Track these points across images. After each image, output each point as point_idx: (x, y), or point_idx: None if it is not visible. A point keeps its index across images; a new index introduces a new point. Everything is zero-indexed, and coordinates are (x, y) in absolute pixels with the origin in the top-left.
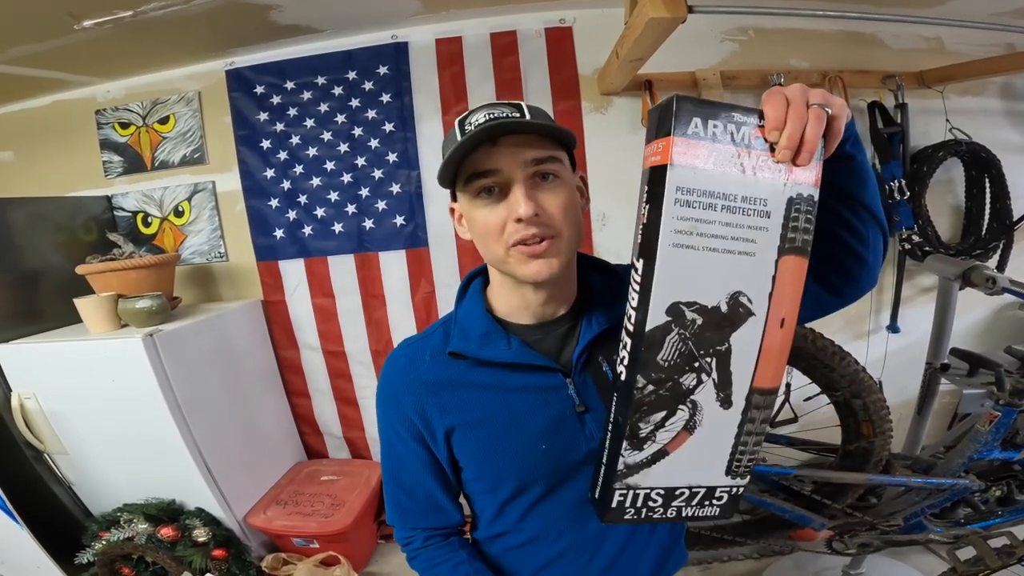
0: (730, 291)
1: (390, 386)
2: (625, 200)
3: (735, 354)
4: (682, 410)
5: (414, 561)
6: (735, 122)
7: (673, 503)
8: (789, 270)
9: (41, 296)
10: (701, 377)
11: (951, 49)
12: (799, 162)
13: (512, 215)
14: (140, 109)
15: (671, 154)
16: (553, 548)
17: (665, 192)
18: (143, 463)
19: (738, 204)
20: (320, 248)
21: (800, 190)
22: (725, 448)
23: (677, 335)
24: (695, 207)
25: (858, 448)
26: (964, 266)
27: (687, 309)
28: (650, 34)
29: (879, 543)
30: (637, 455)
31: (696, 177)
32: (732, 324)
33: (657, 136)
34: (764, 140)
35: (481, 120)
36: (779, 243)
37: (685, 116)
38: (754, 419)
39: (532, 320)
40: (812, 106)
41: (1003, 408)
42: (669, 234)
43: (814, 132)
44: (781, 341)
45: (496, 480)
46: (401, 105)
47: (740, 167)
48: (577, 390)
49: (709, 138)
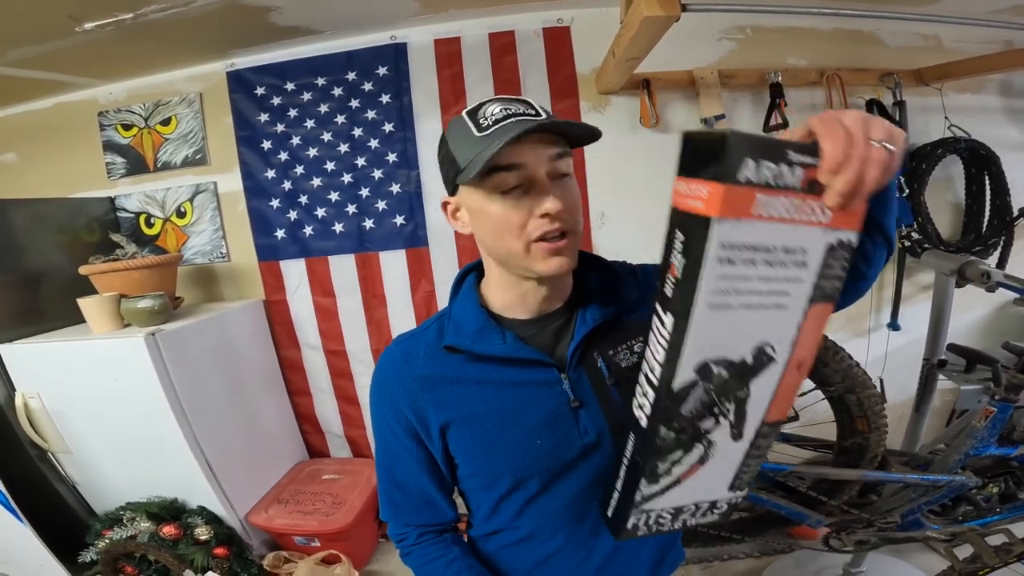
0: (756, 343)
1: (384, 382)
2: (624, 199)
3: (752, 397)
4: (698, 447)
5: (407, 557)
6: (789, 161)
7: (680, 516)
8: (815, 318)
9: (44, 296)
10: (719, 420)
11: (949, 47)
12: (850, 207)
13: (539, 210)
14: (142, 111)
15: (718, 205)
16: (548, 546)
17: (707, 251)
18: (146, 462)
19: (778, 256)
20: (321, 248)
21: (841, 236)
22: (731, 470)
23: (702, 389)
24: (736, 264)
25: (853, 444)
26: (959, 261)
27: (715, 366)
28: (645, 32)
29: (877, 540)
30: (653, 487)
31: (741, 231)
32: (754, 373)
33: (699, 175)
34: (815, 182)
35: (498, 114)
36: (811, 293)
37: (737, 157)
38: (760, 446)
39: (527, 315)
40: (874, 144)
41: (999, 403)
42: (707, 295)
43: (874, 177)
44: (796, 381)
45: (491, 476)
46: (400, 105)
47: (787, 214)
48: (572, 385)
49: (760, 183)
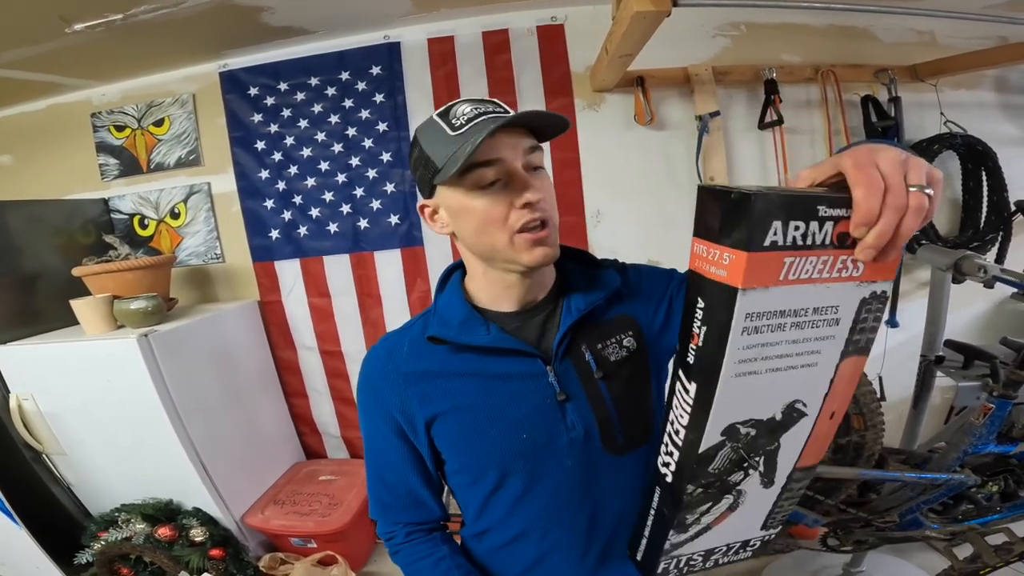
0: (787, 402)
1: (369, 380)
2: (619, 197)
3: (783, 449)
4: (728, 498)
5: (396, 556)
6: (819, 218)
7: (712, 557)
8: (848, 370)
9: (38, 298)
10: (748, 472)
11: (943, 42)
12: (883, 259)
13: (520, 201)
14: (135, 112)
15: (743, 276)
16: (540, 546)
17: (732, 321)
18: (141, 463)
19: (808, 317)
20: (316, 248)
21: (875, 288)
22: (763, 514)
23: (730, 448)
24: (763, 332)
25: (849, 442)
26: (955, 256)
27: (742, 427)
28: (637, 28)
29: (875, 540)
30: (681, 535)
31: (769, 299)
32: (784, 428)
33: (721, 240)
34: (846, 235)
35: (470, 113)
36: (843, 348)
37: (764, 222)
38: (792, 489)
39: (512, 307)
40: (912, 189)
41: (997, 400)
42: (733, 365)
43: (912, 227)
44: (828, 429)
45: (477, 470)
46: (394, 105)
47: (817, 274)
48: (558, 378)
49: (789, 245)
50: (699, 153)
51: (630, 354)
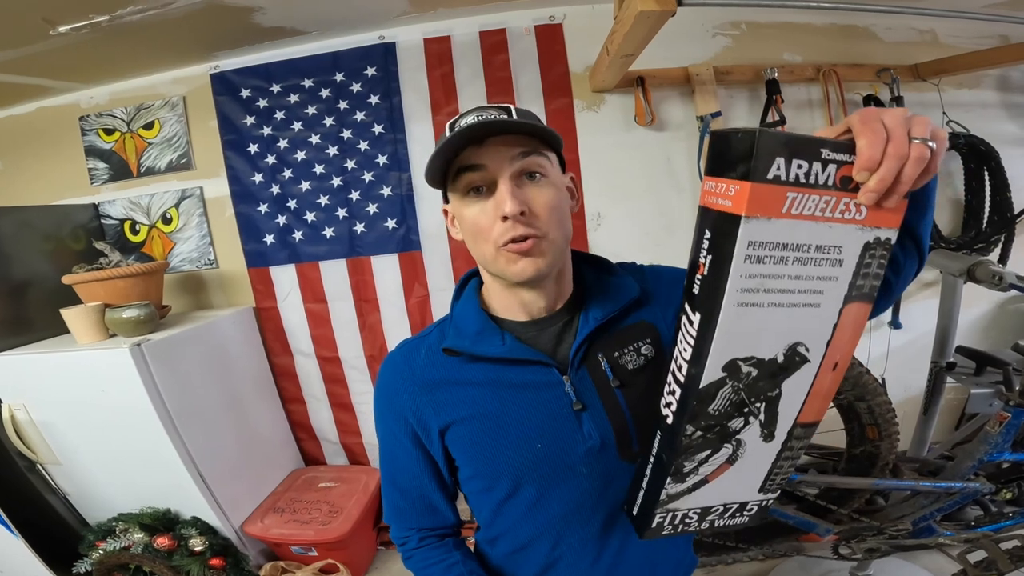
0: (789, 343)
1: (386, 386)
2: (620, 199)
3: (784, 397)
4: (727, 447)
5: (409, 561)
6: (822, 160)
7: (707, 517)
8: (852, 317)
9: (29, 306)
10: (748, 419)
11: (945, 42)
12: (885, 205)
13: (498, 212)
14: (124, 115)
15: (746, 204)
16: (553, 552)
17: (735, 249)
18: (137, 472)
19: (811, 255)
20: (311, 253)
21: (879, 234)
22: (761, 472)
23: (731, 387)
24: (765, 262)
25: (864, 452)
26: (969, 262)
27: (744, 364)
28: (640, 28)
29: (888, 548)
30: (679, 486)
31: (771, 229)
32: (786, 372)
33: (727, 174)
34: (849, 179)
35: (471, 121)
36: (847, 291)
37: (767, 156)
38: (792, 447)
39: (527, 317)
40: (914, 141)
41: (1013, 409)
42: (735, 293)
43: (911, 175)
44: (831, 382)
45: (491, 479)
46: (390, 106)
47: (820, 212)
48: (574, 387)
49: (791, 181)
50: (700, 154)
51: (648, 362)
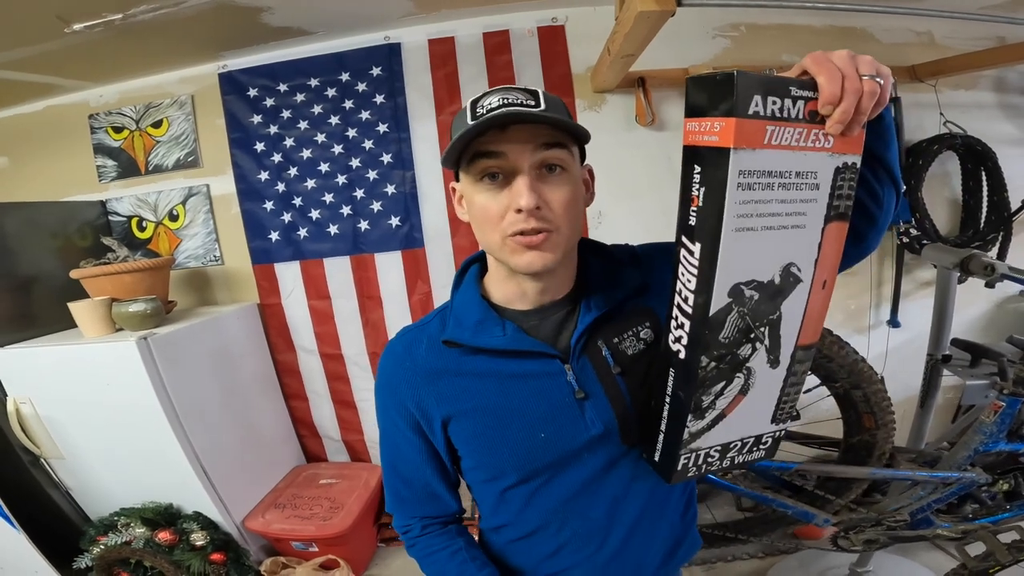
0: (783, 264)
1: (387, 375)
2: (621, 198)
3: (784, 319)
4: (739, 377)
5: (412, 549)
6: (792, 97)
7: (728, 454)
8: (833, 235)
9: (36, 301)
10: (755, 345)
11: (942, 43)
12: (849, 133)
13: (513, 205)
14: (133, 113)
15: (733, 137)
16: (557, 538)
17: (728, 178)
18: (140, 467)
19: (792, 180)
20: (315, 250)
21: (846, 159)
22: (772, 401)
23: (737, 313)
24: (755, 189)
25: (860, 441)
26: (962, 255)
27: (746, 288)
28: (640, 28)
29: (885, 539)
30: (699, 423)
31: (756, 159)
32: (783, 294)
33: (711, 114)
34: (816, 112)
35: (495, 104)
36: (826, 212)
37: (746, 94)
38: (796, 372)
39: (529, 306)
40: (864, 77)
41: (1008, 398)
42: (732, 219)
43: (867, 106)
44: (823, 301)
45: (494, 469)
46: (395, 106)
47: (795, 142)
48: (576, 376)
49: (768, 115)
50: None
51: (647, 346)
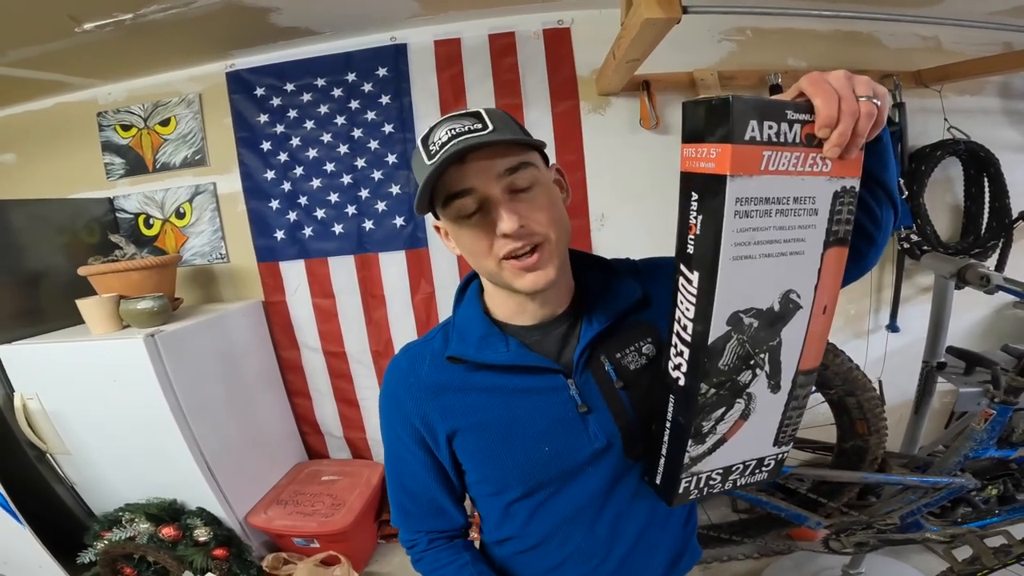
0: (782, 290)
1: (392, 390)
2: (624, 200)
3: (784, 345)
4: (739, 403)
5: (418, 564)
6: (788, 120)
7: (730, 477)
8: (832, 261)
9: (43, 297)
10: (756, 372)
11: (948, 48)
12: (847, 156)
13: (498, 232)
14: (141, 111)
15: (729, 164)
16: (561, 552)
17: (725, 206)
18: (145, 463)
19: (790, 206)
20: (320, 249)
21: (844, 183)
22: (773, 425)
23: (736, 341)
24: (752, 216)
25: (853, 446)
26: (959, 264)
27: (745, 316)
28: (646, 35)
29: (876, 542)
30: (700, 448)
31: (753, 186)
32: (783, 320)
33: (707, 139)
34: (813, 136)
35: (444, 138)
36: (825, 237)
37: (742, 119)
38: (798, 396)
39: (530, 321)
40: (861, 99)
41: (998, 406)
42: (729, 247)
43: (865, 128)
44: (823, 326)
45: (499, 483)
46: (400, 106)
47: (792, 167)
48: (579, 391)
49: (765, 141)
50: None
51: (649, 361)
